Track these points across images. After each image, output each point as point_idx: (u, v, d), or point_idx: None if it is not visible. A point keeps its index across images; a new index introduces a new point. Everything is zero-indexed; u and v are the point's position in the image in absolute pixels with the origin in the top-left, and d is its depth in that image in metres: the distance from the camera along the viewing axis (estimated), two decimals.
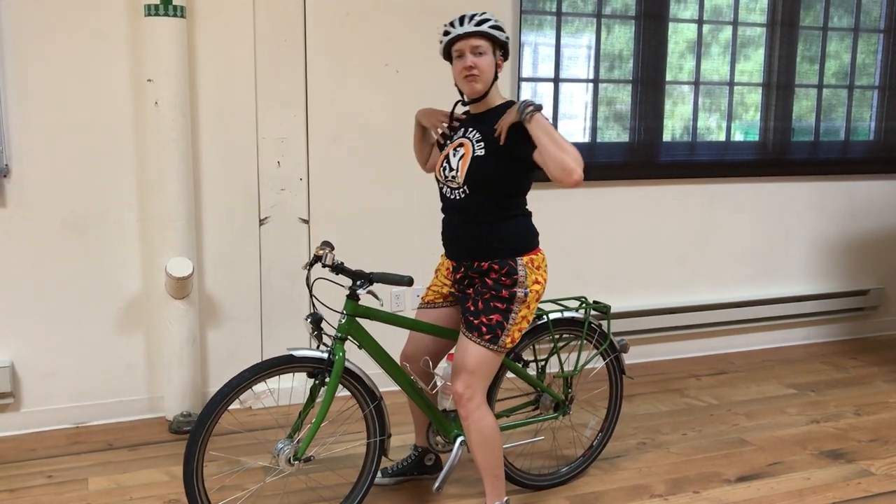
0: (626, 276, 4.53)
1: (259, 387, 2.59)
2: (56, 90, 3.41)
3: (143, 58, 3.47)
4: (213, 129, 3.66)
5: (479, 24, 2.57)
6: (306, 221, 3.84)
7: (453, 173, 2.66)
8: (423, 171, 3.11)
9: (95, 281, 3.58)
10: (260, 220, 3.77)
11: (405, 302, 4.07)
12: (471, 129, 2.69)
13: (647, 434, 3.62)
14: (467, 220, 2.66)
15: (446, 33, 2.61)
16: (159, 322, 3.61)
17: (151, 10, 3.36)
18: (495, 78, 2.65)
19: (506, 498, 2.74)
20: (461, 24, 2.58)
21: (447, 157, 2.71)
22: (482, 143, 2.62)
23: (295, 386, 3.86)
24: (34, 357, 3.54)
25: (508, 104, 2.67)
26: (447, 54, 2.66)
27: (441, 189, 2.75)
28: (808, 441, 3.56)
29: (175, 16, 3.38)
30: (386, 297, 4.04)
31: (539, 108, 2.49)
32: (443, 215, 2.78)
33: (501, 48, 2.64)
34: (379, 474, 3.07)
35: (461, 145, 2.68)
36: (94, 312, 3.60)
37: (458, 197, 2.67)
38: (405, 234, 4.03)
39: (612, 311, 4.24)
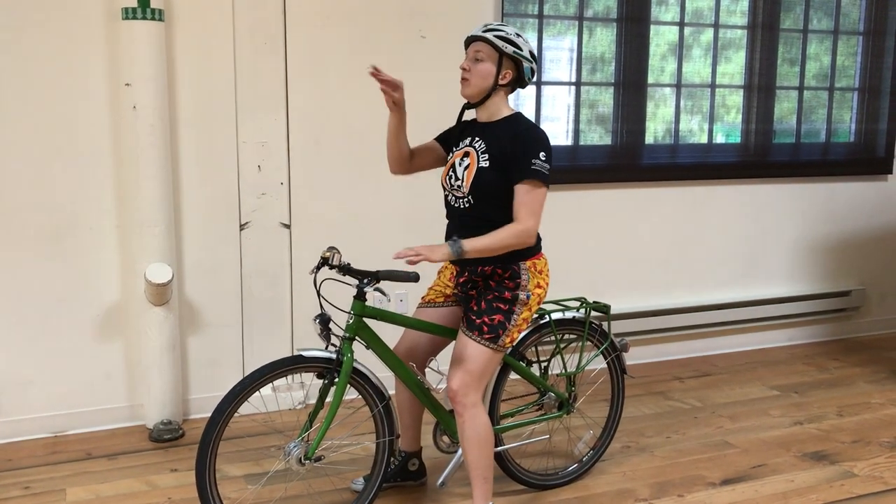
0: (608, 278, 4.52)
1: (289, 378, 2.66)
2: (33, 95, 3.37)
3: (121, 62, 3.43)
4: (192, 133, 3.62)
5: (486, 31, 2.62)
6: (288, 226, 3.81)
7: (459, 182, 2.69)
8: (406, 175, 3.07)
9: (73, 288, 3.53)
10: (240, 226, 3.74)
11: (409, 304, 4.05)
12: (476, 139, 2.71)
13: (631, 437, 3.61)
14: (471, 227, 2.67)
15: None
16: (138, 329, 3.57)
17: (129, 14, 3.32)
18: (496, 87, 2.66)
19: (490, 502, 2.73)
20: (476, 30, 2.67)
21: (453, 165, 2.74)
22: (486, 155, 2.65)
23: (266, 394, 3.83)
24: (11, 366, 3.49)
25: (515, 116, 2.69)
26: None
27: (446, 196, 2.79)
28: (791, 443, 3.57)
29: (153, 19, 3.34)
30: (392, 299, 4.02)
31: (458, 245, 2.49)
32: (447, 221, 2.81)
33: (513, 61, 2.65)
34: (361, 480, 3.05)
35: (467, 154, 2.71)
36: (72, 320, 3.55)
37: (462, 206, 2.71)
38: (388, 238, 4.00)
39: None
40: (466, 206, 2.69)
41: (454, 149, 2.80)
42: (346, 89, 3.83)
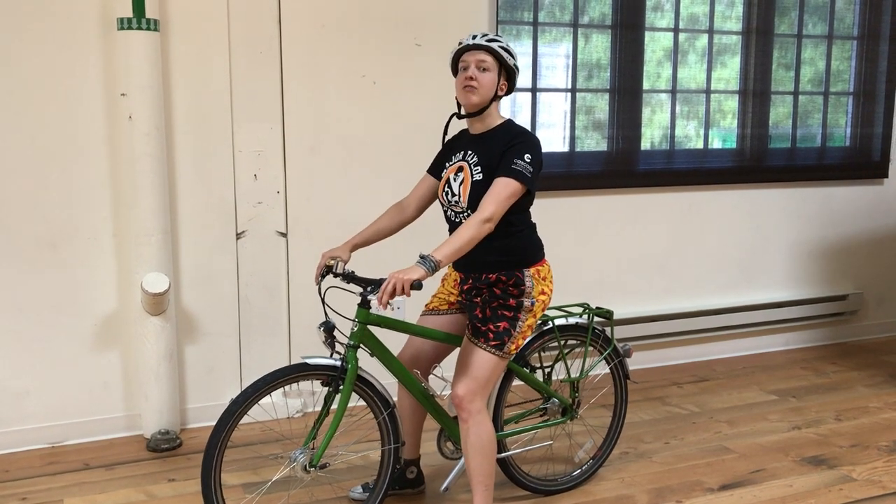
0: (605, 284, 4.52)
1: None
2: (28, 105, 3.37)
3: (117, 72, 3.44)
4: (188, 142, 3.62)
5: (490, 41, 2.64)
6: (284, 235, 3.81)
7: (456, 198, 2.71)
8: (402, 183, 3.09)
9: (70, 298, 3.52)
10: (237, 234, 3.74)
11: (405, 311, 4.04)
12: (469, 153, 2.72)
13: (630, 443, 3.61)
14: None
15: (459, 44, 2.69)
16: (136, 339, 3.56)
17: (124, 24, 3.33)
18: (495, 98, 2.69)
19: None
20: (473, 38, 2.66)
21: (448, 181, 2.75)
22: (479, 168, 2.66)
23: (262, 402, 3.82)
24: (7, 376, 3.48)
25: (507, 124, 2.71)
26: (455, 67, 2.71)
27: (445, 212, 2.80)
28: (789, 448, 3.56)
29: (148, 29, 3.35)
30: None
31: (430, 261, 2.43)
32: (449, 234, 2.81)
33: (508, 73, 2.68)
34: (359, 489, 3.04)
35: (461, 169, 2.72)
36: (69, 330, 3.55)
37: (463, 220, 2.71)
38: (385, 247, 3.99)
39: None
40: (466, 219, 2.68)
41: (447, 164, 2.81)
42: (342, 97, 3.83)
